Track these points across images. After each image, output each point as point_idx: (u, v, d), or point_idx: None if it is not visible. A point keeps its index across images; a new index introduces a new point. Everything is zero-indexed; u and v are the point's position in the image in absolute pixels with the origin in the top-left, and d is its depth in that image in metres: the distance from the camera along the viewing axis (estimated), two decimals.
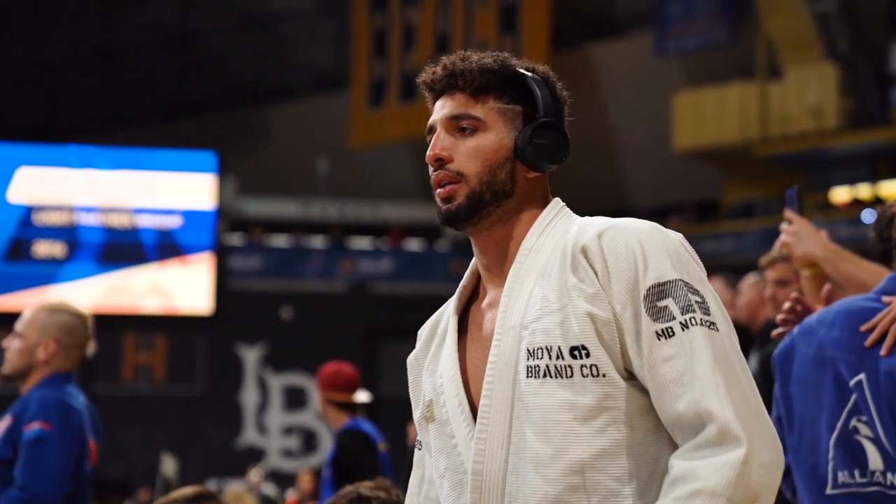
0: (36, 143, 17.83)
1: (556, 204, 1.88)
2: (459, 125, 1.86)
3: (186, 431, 17.51)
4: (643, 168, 20.46)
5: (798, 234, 2.90)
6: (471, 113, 1.85)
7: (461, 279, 1.94)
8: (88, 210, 16.07)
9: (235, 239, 18.80)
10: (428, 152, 1.86)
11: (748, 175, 18.99)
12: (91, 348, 3.81)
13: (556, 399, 1.74)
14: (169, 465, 9.47)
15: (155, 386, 18.21)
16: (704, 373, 1.68)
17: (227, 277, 17.43)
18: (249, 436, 18.03)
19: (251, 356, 18.15)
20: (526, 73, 1.88)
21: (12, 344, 3.71)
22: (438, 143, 1.86)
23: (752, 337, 5.54)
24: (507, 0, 19.76)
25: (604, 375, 1.73)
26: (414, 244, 19.72)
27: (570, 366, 1.74)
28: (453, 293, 1.93)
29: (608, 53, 20.38)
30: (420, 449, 1.98)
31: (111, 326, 14.69)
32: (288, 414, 18.09)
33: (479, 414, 1.80)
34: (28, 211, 15.88)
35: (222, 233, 17.56)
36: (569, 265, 1.77)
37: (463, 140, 1.85)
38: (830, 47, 17.56)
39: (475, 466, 1.79)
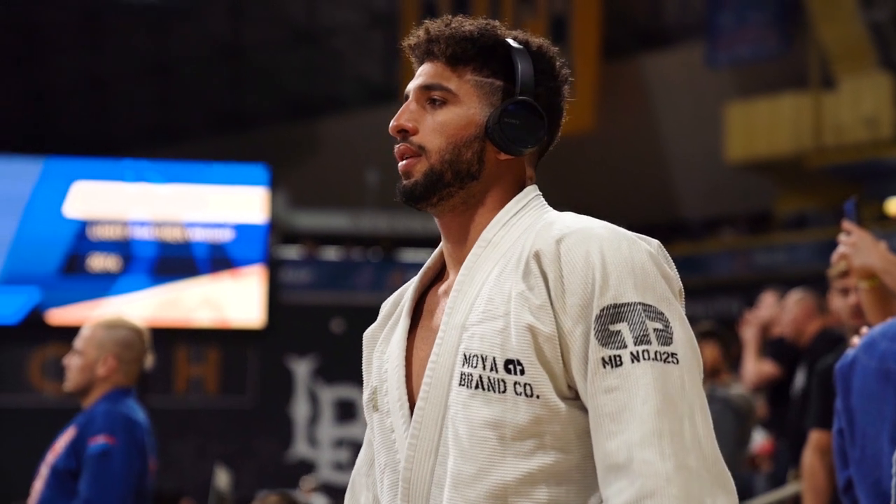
0: (90, 158, 18.02)
1: (528, 193, 1.69)
2: (430, 96, 1.69)
3: (238, 443, 17.60)
4: (694, 179, 20.33)
5: (857, 246, 2.85)
6: (443, 84, 1.67)
7: None
8: (142, 224, 16.22)
9: (287, 252, 18.89)
10: (391, 122, 1.72)
11: (801, 186, 18.80)
12: (149, 362, 3.87)
13: (484, 415, 1.56)
14: (222, 478, 9.52)
15: (207, 398, 18.32)
16: (649, 416, 1.49)
17: (278, 290, 17.52)
18: (300, 448, 18.07)
19: (302, 369, 18.20)
20: (513, 43, 1.67)
21: (73, 361, 3.78)
22: (405, 113, 1.71)
23: (798, 353, 5.44)
24: (558, 11, 19.73)
25: (538, 396, 1.55)
26: None
27: (503, 380, 1.55)
28: None
29: (659, 64, 20.28)
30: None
31: (164, 339, 14.80)
32: (339, 426, 18.12)
33: (413, 417, 1.63)
34: (83, 225, 16.06)
35: (274, 246, 17.65)
36: (521, 269, 1.58)
37: (432, 112, 1.69)
38: (885, 56, 17.37)
39: (404, 473, 1.63)
